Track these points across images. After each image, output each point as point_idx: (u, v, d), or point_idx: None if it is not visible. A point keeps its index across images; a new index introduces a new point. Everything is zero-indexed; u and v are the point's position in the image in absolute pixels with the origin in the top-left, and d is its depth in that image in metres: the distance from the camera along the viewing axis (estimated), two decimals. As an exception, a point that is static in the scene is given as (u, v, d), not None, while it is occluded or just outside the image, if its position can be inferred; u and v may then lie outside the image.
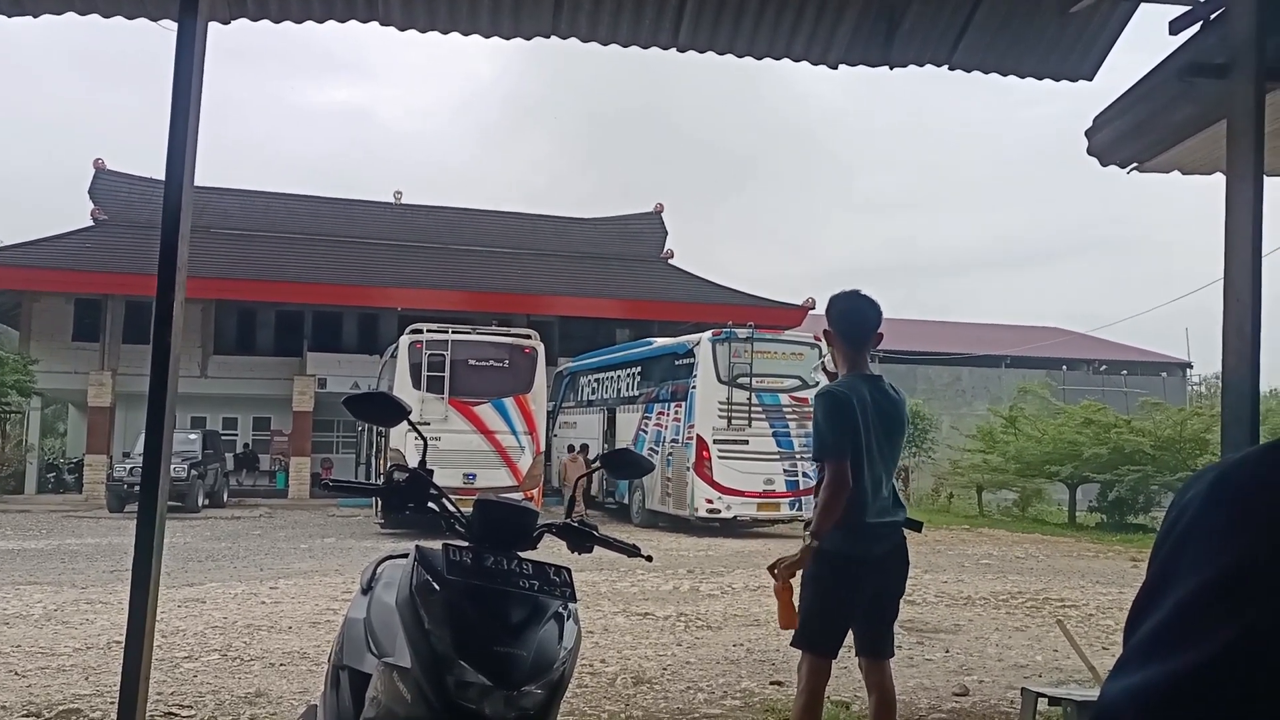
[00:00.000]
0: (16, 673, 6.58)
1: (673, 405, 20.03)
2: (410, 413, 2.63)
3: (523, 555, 2.25)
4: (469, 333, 19.53)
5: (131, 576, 3.65)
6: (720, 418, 18.75)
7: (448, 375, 18.60)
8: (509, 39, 4.88)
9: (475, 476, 17.56)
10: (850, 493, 3.74)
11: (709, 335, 19.33)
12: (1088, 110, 5.21)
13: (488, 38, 4.86)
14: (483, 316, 24.68)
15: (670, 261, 35.13)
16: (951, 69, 5.07)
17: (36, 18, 4.63)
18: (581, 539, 2.57)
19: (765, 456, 18.76)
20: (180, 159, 3.72)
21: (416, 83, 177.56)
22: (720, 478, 18.61)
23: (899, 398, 4.06)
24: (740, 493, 18.61)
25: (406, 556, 2.36)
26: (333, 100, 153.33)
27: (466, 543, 2.29)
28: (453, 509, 2.44)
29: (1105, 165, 5.19)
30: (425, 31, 4.75)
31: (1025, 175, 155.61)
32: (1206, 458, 20.67)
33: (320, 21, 4.71)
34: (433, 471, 2.49)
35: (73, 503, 24.80)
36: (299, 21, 4.70)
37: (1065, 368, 42.27)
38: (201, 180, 4.16)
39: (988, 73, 5.10)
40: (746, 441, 18.73)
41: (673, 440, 19.74)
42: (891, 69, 5.04)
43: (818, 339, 17.50)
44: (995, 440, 26.83)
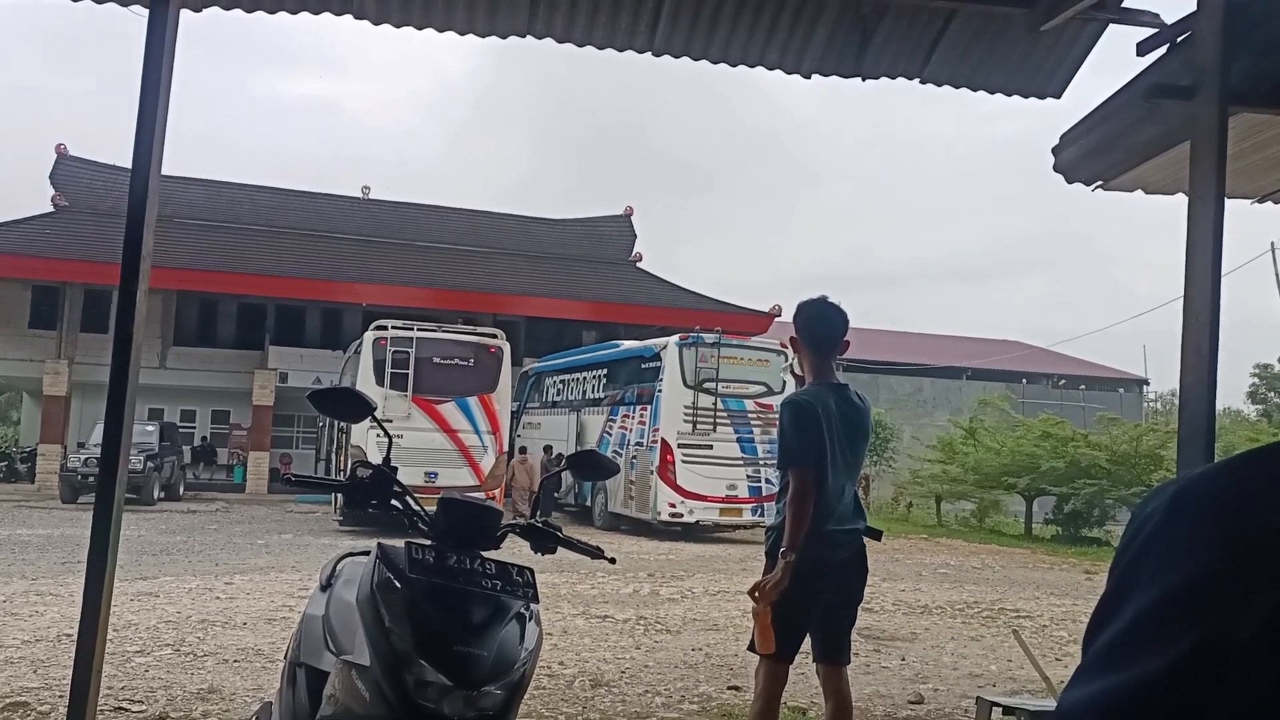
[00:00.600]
0: (-38, 664, 6.46)
1: (638, 408, 20.03)
2: (375, 409, 2.61)
3: (486, 555, 2.24)
4: (434, 330, 19.42)
5: (86, 568, 3.60)
6: (685, 422, 18.76)
7: (412, 372, 18.48)
8: (484, 37, 4.85)
9: (437, 475, 17.48)
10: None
11: (676, 339, 19.33)
12: (1054, 127, 5.28)
13: (462, 35, 4.83)
14: (449, 314, 24.56)
15: (639, 265, 35.15)
16: (923, 82, 5.12)
17: (2, -2, 4.54)
18: (545, 540, 2.56)
19: (729, 462, 18.80)
20: (148, 147, 3.67)
21: (387, 78, 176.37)
22: (684, 482, 18.61)
23: (864, 406, 4.08)
24: (703, 497, 18.64)
25: (367, 554, 2.34)
26: (301, 93, 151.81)
27: (430, 541, 2.28)
28: (416, 507, 2.43)
29: (1070, 182, 5.26)
30: (399, 26, 4.71)
31: (990, 190, 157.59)
32: (1161, 474, 20.96)
33: (294, 13, 4.66)
34: (397, 469, 2.47)
35: (24, 493, 24.34)
36: (272, 12, 4.65)
37: (1025, 381, 42.86)
38: (165, 169, 4.09)
39: (958, 87, 5.16)
40: (711, 446, 18.75)
41: (637, 443, 19.73)
42: (864, 80, 5.07)
43: (784, 346, 17.57)
44: (955, 451, 27.08)
